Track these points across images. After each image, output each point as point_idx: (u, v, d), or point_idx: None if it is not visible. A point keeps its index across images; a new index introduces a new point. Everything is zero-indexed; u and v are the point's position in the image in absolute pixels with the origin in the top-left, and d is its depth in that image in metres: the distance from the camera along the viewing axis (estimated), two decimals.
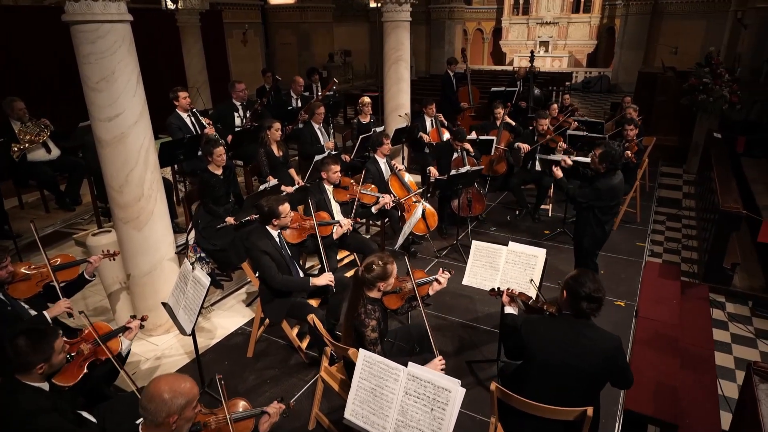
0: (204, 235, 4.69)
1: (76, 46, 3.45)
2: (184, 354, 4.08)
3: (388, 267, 2.87)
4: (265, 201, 3.60)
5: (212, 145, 4.61)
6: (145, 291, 4.12)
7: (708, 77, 8.52)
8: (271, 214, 3.58)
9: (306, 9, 16.87)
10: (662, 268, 5.38)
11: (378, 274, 2.82)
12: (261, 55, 15.50)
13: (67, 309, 3.08)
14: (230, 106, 6.29)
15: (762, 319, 4.88)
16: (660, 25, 17.42)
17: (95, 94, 3.53)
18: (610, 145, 4.12)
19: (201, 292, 3.06)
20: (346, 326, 2.95)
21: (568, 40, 20.73)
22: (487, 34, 22.54)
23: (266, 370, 3.87)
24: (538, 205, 6.55)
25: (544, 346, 2.54)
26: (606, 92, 18.09)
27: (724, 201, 5.15)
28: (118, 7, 3.45)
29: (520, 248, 3.42)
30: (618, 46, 18.63)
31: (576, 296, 2.52)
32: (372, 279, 2.83)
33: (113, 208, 3.87)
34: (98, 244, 4.13)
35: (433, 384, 2.18)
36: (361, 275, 2.86)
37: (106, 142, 3.66)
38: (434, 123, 7.29)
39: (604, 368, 2.48)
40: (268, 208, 3.57)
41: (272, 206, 3.56)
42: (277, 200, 3.61)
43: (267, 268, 3.53)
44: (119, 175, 3.74)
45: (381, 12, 6.94)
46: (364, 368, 2.37)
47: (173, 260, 4.21)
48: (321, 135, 6.28)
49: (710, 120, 8.76)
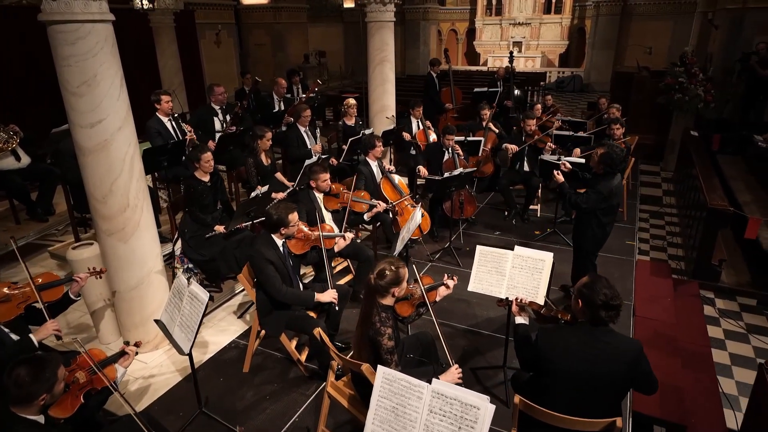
0: (191, 245, 4.49)
1: (54, 47, 3.22)
2: (175, 372, 3.88)
3: (401, 271, 2.79)
4: (274, 209, 3.46)
5: (199, 150, 4.42)
6: (132, 306, 3.90)
7: (683, 77, 8.71)
8: (279, 223, 3.44)
9: (280, 9, 16.60)
10: (653, 266, 5.43)
11: (391, 279, 2.74)
12: (235, 57, 15.16)
13: (55, 331, 2.86)
14: (209, 110, 6.06)
15: (752, 314, 4.97)
16: (629, 25, 17.82)
17: (76, 98, 3.31)
18: (613, 147, 4.09)
19: (199, 308, 2.88)
20: (360, 338, 2.82)
21: (541, 40, 21.04)
22: (461, 34, 22.67)
23: (265, 386, 3.70)
24: (527, 206, 6.54)
25: (564, 356, 2.46)
26: (579, 92, 18.41)
27: (711, 199, 5.23)
28: (99, 6, 3.24)
29: (527, 252, 3.36)
30: (589, 47, 19.00)
31: (592, 305, 2.45)
32: (386, 285, 2.75)
33: (96, 219, 3.64)
34: (79, 258, 3.90)
35: (460, 401, 2.08)
36: (374, 283, 2.76)
37: (88, 150, 3.43)
38: (420, 124, 7.22)
39: (628, 374, 2.43)
40: (277, 217, 3.43)
41: (281, 215, 3.43)
42: (287, 208, 3.48)
43: (271, 279, 3.37)
44: (103, 184, 3.52)
45: (364, 12, 6.81)
46: (383, 386, 2.26)
47: (161, 273, 4.00)
48: (308, 138, 6.12)
49: (686, 118, 8.96)
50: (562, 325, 2.79)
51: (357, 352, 2.83)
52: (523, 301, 3.04)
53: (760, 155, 7.33)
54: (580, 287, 2.56)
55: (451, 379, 2.63)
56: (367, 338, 2.74)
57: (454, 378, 2.65)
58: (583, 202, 4.08)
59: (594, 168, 4.19)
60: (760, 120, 8.55)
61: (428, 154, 6.20)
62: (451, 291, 3.26)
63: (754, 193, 6.77)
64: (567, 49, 20.88)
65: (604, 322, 2.47)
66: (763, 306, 5.03)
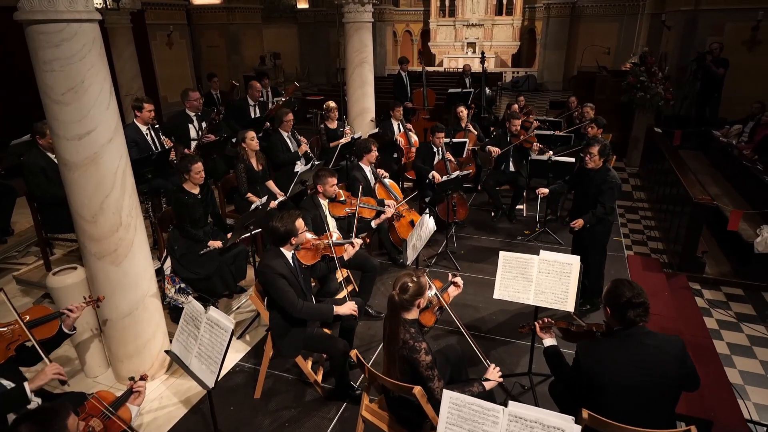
0: (183, 263, 4.15)
1: (33, 50, 2.85)
2: (178, 403, 3.55)
3: (422, 280, 2.67)
4: (279, 222, 3.19)
5: (189, 160, 4.08)
6: (125, 335, 3.54)
7: (644, 76, 9.07)
8: (288, 234, 3.19)
9: (233, 10, 16.04)
10: (644, 261, 5.57)
11: (415, 291, 2.61)
12: (189, 59, 14.47)
13: (57, 376, 2.49)
14: (184, 117, 5.66)
15: (739, 303, 5.17)
16: (578, 27, 18.51)
17: (60, 107, 2.94)
18: (600, 140, 4.24)
19: (222, 337, 2.62)
20: (389, 359, 2.66)
21: (494, 41, 21.47)
22: (415, 35, 22.78)
23: (281, 411, 3.45)
24: (514, 206, 6.56)
25: (613, 369, 2.38)
26: (534, 91, 18.91)
27: (694, 193, 5.41)
28: (86, 4, 2.90)
29: (553, 256, 3.30)
30: (541, 47, 19.58)
31: (618, 307, 2.44)
32: (410, 299, 2.62)
33: (84, 241, 3.26)
34: (62, 285, 3.51)
35: (542, 423, 1.96)
36: (399, 299, 2.61)
37: (75, 165, 3.06)
38: (401, 127, 7.10)
39: (679, 372, 2.39)
40: (284, 229, 3.17)
41: (288, 226, 3.18)
42: (291, 216, 3.23)
43: (285, 294, 3.13)
44: (92, 202, 3.16)
45: (342, 13, 6.62)
46: (451, 412, 2.10)
47: (156, 296, 3.66)
48: (291, 143, 5.86)
49: (647, 116, 9.33)
50: (599, 338, 2.72)
51: (387, 374, 2.66)
52: (547, 321, 2.95)
53: (722, 150, 7.72)
54: (605, 294, 2.56)
55: (493, 380, 2.65)
56: (401, 359, 2.59)
57: (496, 378, 2.66)
58: (608, 202, 4.11)
59: (595, 165, 4.20)
60: (715, 116, 9.01)
61: (422, 156, 6.07)
62: (461, 290, 3.23)
63: (722, 187, 7.12)
64: (519, 50, 21.43)
65: (635, 322, 2.44)
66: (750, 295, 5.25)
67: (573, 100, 8.42)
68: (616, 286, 2.51)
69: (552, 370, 2.79)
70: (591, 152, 4.22)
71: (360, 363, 2.75)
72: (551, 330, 2.89)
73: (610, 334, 2.62)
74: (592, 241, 4.29)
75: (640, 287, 2.50)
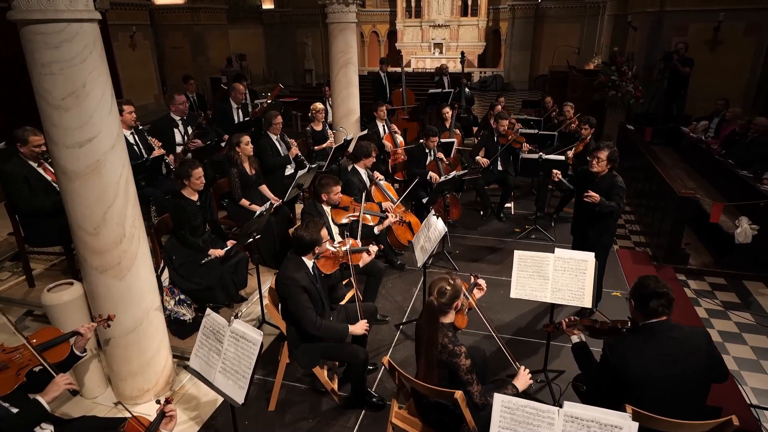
0: (182, 273, 3.98)
1: (30, 51, 2.66)
2: (189, 421, 3.39)
3: (457, 282, 2.69)
4: (305, 230, 3.10)
5: (189, 166, 3.92)
6: (129, 353, 3.36)
7: (615, 75, 9.37)
8: (314, 243, 3.13)
9: (198, 10, 15.58)
10: (633, 254, 5.74)
11: (452, 294, 2.62)
12: (153, 61, 13.96)
13: (68, 386, 2.34)
14: (169, 121, 5.44)
15: (723, 292, 5.39)
16: (542, 28, 18.98)
17: (60, 113, 2.76)
18: (609, 145, 4.22)
19: (251, 350, 2.50)
20: (426, 365, 2.62)
21: (460, 41, 21.71)
22: (382, 36, 22.78)
23: (299, 423, 3.35)
24: (503, 205, 6.63)
25: (644, 364, 2.41)
26: (501, 90, 19.22)
27: (677, 188, 5.61)
28: (86, 3, 2.72)
29: (568, 254, 3.34)
30: (507, 48, 19.96)
31: (642, 299, 2.50)
32: (448, 302, 2.62)
33: (85, 255, 3.07)
34: (59, 303, 3.28)
35: (599, 422, 1.96)
36: (438, 303, 2.60)
37: (76, 174, 2.88)
38: (386, 128, 7.07)
39: (708, 363, 2.44)
40: (310, 238, 3.09)
41: (314, 234, 3.10)
42: (316, 225, 3.15)
43: (306, 311, 3.03)
44: (94, 214, 2.98)
45: (326, 14, 6.52)
46: (503, 415, 2.08)
47: (159, 309, 3.49)
48: (280, 147, 5.72)
49: (618, 114, 9.65)
50: (624, 334, 2.74)
51: (426, 379, 2.62)
52: (573, 319, 2.97)
53: (693, 145, 8.06)
54: (631, 289, 2.63)
55: (524, 382, 2.66)
56: (439, 363, 2.56)
57: (527, 380, 2.67)
58: (618, 200, 4.12)
59: (599, 169, 4.21)
60: (682, 113, 9.41)
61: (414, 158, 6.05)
62: (484, 291, 3.23)
63: (696, 180, 7.42)
64: (484, 50, 21.77)
65: (658, 312, 2.49)
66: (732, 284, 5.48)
67: (549, 100, 8.61)
68: (641, 280, 2.58)
69: (580, 366, 2.81)
70: (599, 156, 4.15)
71: (392, 369, 2.70)
72: (578, 327, 2.91)
73: (636, 329, 2.67)
74: (598, 242, 4.35)
75: (665, 282, 2.56)
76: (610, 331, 2.85)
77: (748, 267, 5.51)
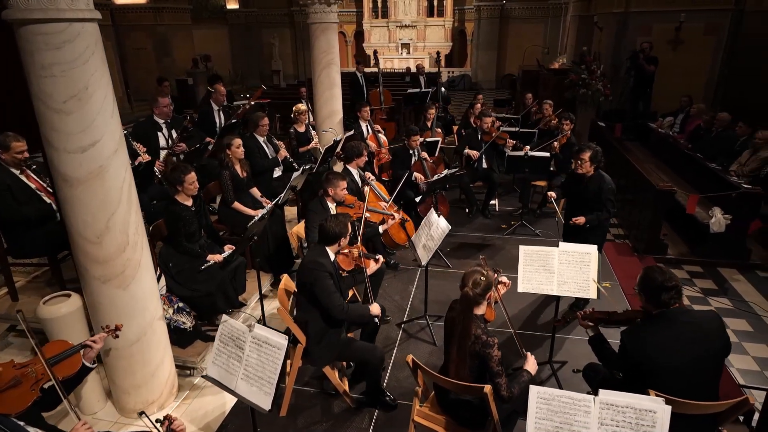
0: (179, 281, 3.86)
1: (29, 53, 2.53)
2: (199, 431, 3.30)
3: (489, 273, 2.73)
4: (333, 222, 3.18)
5: (181, 171, 3.80)
6: (133, 364, 3.24)
7: (585, 74, 9.68)
8: (340, 235, 3.19)
9: (161, 10, 15.17)
10: (616, 246, 5.94)
11: (486, 285, 2.66)
12: (115, 62, 13.48)
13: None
14: (152, 124, 5.26)
15: (701, 279, 5.65)
16: (508, 28, 19.38)
17: (61, 117, 2.64)
18: (591, 146, 4.28)
19: (276, 355, 2.46)
20: (458, 357, 2.64)
21: (427, 42, 21.92)
22: (349, 37, 22.74)
23: (312, 427, 3.32)
24: (488, 202, 6.73)
25: (661, 351, 2.48)
26: (469, 90, 19.52)
27: (655, 181, 5.85)
28: (87, 2, 2.61)
29: (572, 247, 3.43)
30: (474, 48, 20.28)
31: (652, 292, 2.57)
32: (482, 293, 2.66)
33: (86, 265, 2.95)
34: (57, 316, 3.14)
35: (633, 407, 2.03)
36: (473, 294, 2.63)
37: (78, 180, 2.76)
38: (370, 128, 7.07)
39: (720, 343, 2.53)
40: (338, 230, 3.17)
41: (341, 227, 3.19)
42: (345, 218, 3.24)
43: (332, 294, 3.07)
44: (97, 221, 2.86)
45: (307, 14, 6.46)
46: (540, 406, 2.12)
47: (162, 318, 3.38)
48: (267, 148, 5.64)
49: (588, 111, 9.97)
50: (639, 323, 2.79)
51: (455, 371, 2.64)
52: (587, 312, 3.02)
53: (662, 140, 8.41)
54: (638, 282, 2.67)
55: (534, 367, 2.75)
56: (472, 354, 2.59)
57: (535, 364, 2.77)
58: (612, 208, 4.19)
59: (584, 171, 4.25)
60: (648, 109, 9.80)
61: (399, 159, 6.07)
62: (509, 286, 3.22)
63: (666, 174, 7.73)
64: (451, 50, 22.05)
65: (669, 304, 2.58)
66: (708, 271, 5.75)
67: (530, 97, 8.79)
68: (647, 273, 2.62)
69: (599, 356, 2.89)
70: (582, 158, 4.18)
71: (416, 367, 2.71)
72: (592, 318, 2.98)
73: (650, 318, 2.75)
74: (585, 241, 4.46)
75: (670, 271, 2.64)
76: (623, 322, 2.94)
77: (722, 255, 5.80)
